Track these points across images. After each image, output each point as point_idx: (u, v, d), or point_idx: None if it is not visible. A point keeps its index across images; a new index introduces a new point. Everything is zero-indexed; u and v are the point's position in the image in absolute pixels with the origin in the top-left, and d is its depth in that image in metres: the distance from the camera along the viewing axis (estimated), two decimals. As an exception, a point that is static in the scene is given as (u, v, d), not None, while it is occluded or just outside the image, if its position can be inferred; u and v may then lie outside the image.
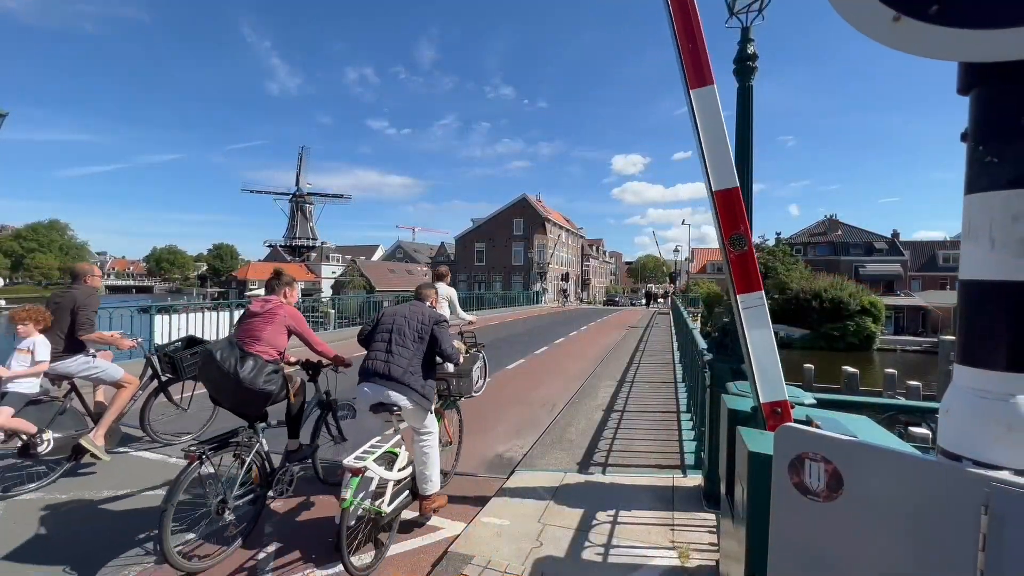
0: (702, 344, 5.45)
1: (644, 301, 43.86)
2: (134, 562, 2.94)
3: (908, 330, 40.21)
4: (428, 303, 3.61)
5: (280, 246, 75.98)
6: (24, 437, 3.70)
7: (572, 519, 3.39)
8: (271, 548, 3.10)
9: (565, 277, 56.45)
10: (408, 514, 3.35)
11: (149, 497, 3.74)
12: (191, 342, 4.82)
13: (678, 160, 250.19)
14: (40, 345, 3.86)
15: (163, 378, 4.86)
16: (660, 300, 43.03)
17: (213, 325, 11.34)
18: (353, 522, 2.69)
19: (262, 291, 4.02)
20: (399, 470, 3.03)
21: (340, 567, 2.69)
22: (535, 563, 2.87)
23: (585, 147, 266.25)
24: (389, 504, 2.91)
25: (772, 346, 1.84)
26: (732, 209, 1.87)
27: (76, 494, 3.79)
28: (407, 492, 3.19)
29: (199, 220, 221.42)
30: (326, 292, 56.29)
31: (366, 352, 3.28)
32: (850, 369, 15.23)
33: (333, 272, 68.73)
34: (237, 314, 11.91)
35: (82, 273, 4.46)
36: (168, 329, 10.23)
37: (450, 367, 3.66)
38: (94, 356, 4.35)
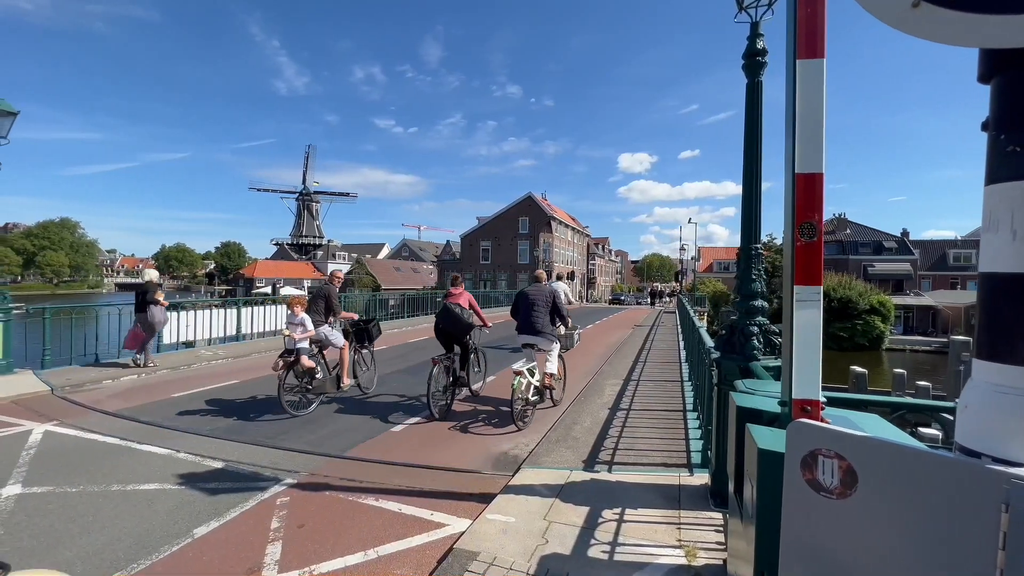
0: (709, 342, 5.41)
1: (649, 300, 43.61)
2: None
3: (918, 330, 39.73)
4: (543, 282, 6.38)
5: (287, 244, 76.29)
6: (307, 375, 6.03)
7: (578, 517, 3.37)
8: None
9: (571, 276, 56.37)
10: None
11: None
12: (367, 321, 7.37)
13: (685, 159, 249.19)
14: (307, 320, 6.13)
15: (355, 345, 7.09)
16: (666, 299, 42.79)
17: (220, 322, 11.41)
18: (517, 405, 5.51)
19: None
20: (536, 378, 5.90)
21: (511, 426, 5.52)
22: (541, 560, 2.85)
23: (591, 145, 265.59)
24: (533, 396, 5.83)
25: (817, 343, 1.80)
26: (811, 196, 1.80)
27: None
28: (538, 395, 6.02)
29: (207, 218, 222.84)
30: (332, 290, 56.43)
31: (519, 318, 6.13)
32: (858, 369, 15.04)
33: (339, 270, 68.98)
34: (244, 312, 12.02)
35: (332, 275, 7.27)
36: (177, 326, 10.31)
37: (562, 329, 6.61)
38: (332, 328, 6.62)
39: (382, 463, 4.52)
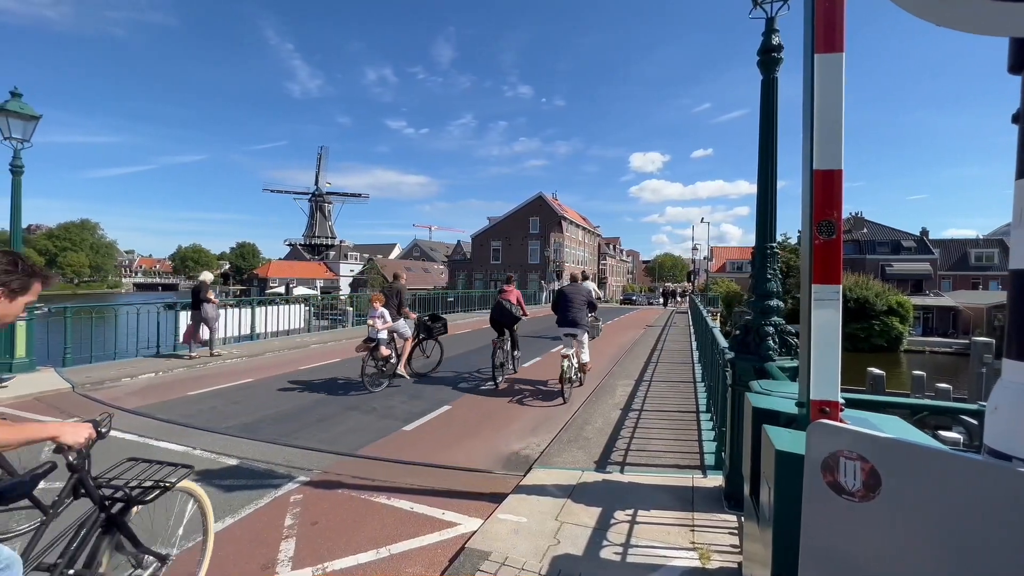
0: (723, 343, 5.34)
1: (661, 300, 43.21)
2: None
3: (938, 331, 38.84)
4: (579, 282, 7.89)
5: (300, 244, 77.17)
6: (383, 360, 7.35)
7: (590, 517, 3.35)
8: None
9: (583, 276, 56.09)
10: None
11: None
12: (435, 319, 8.68)
13: (697, 158, 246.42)
14: (386, 313, 7.47)
15: (419, 336, 8.48)
16: (678, 299, 42.35)
17: (235, 322, 11.56)
18: (564, 382, 6.82)
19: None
20: (577, 359, 7.32)
21: (558, 399, 6.83)
22: (553, 561, 2.84)
23: (602, 145, 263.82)
24: (575, 374, 7.26)
25: (836, 343, 1.76)
26: (830, 193, 1.77)
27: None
28: (577, 375, 7.41)
29: (222, 219, 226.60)
30: (344, 290, 57.01)
31: (560, 312, 7.44)
32: (876, 371, 14.73)
33: (351, 270, 69.60)
34: (259, 312, 12.18)
35: (399, 275, 8.65)
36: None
37: (591, 318, 8.22)
38: (405, 320, 8.05)
39: (394, 462, 4.53)
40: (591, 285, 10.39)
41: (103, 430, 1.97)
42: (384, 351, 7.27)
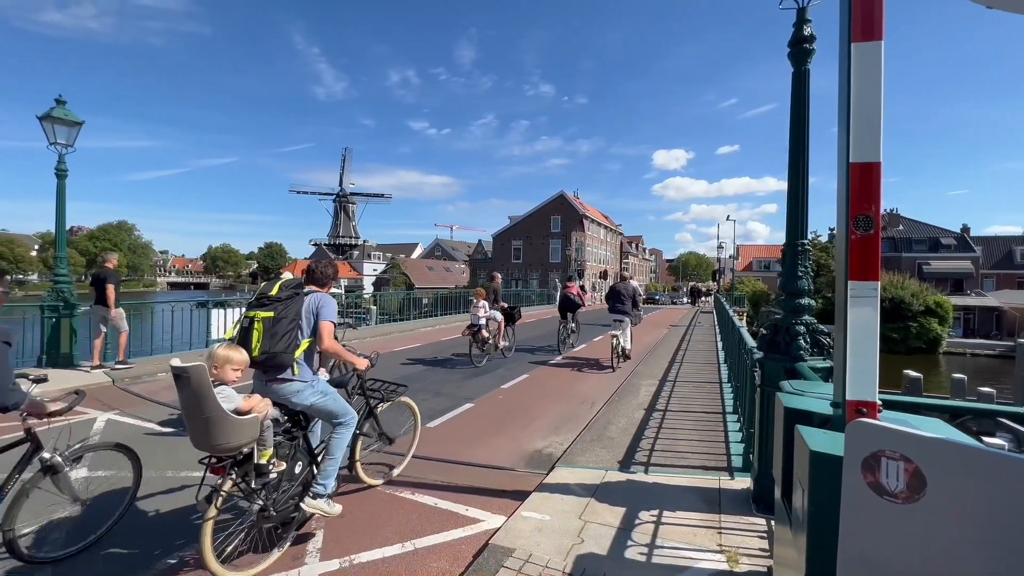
0: (751, 342, 5.22)
1: (688, 299, 42.44)
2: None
3: (980, 332, 37.08)
4: (628, 282, 10.11)
5: (324, 244, 78.62)
6: (484, 341, 9.49)
7: (614, 517, 3.32)
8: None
9: (604, 275, 55.72)
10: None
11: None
12: (512, 308, 10.64)
13: (723, 154, 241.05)
14: (485, 305, 9.54)
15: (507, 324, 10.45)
16: (703, 299, 41.58)
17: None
18: (615, 356, 9.39)
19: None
20: (624, 340, 9.57)
21: (607, 369, 9.22)
22: (576, 560, 2.83)
23: (625, 143, 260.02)
24: (622, 351, 9.58)
25: (874, 342, 1.71)
26: (868, 186, 1.72)
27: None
28: (623, 352, 9.59)
29: (250, 220, 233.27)
30: (368, 289, 57.91)
31: (611, 303, 9.81)
32: (912, 373, 14.09)
33: (375, 269, 70.62)
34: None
35: (495, 276, 10.73)
36: (224, 322, 10.80)
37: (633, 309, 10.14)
38: (496, 311, 9.93)
39: (418, 458, 4.57)
40: (635, 283, 12.80)
41: (374, 362, 3.60)
42: (483, 334, 9.38)
